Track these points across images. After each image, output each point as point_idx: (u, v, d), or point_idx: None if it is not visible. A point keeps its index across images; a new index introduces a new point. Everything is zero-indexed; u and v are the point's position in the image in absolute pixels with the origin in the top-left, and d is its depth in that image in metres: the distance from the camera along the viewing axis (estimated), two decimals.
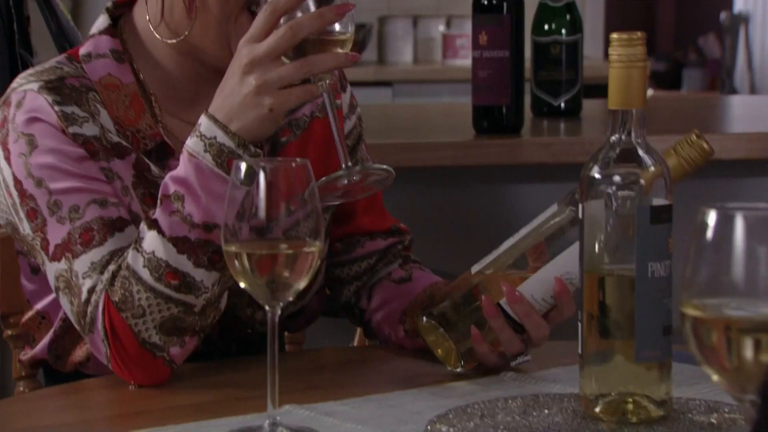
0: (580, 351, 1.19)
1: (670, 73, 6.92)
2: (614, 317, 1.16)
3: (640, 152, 1.18)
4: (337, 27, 1.27)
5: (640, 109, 1.18)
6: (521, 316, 1.30)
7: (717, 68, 6.73)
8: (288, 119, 1.47)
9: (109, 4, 1.46)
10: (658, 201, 1.17)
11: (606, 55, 5.45)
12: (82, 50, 1.43)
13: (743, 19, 6.37)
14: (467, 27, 4.83)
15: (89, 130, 1.37)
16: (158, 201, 1.31)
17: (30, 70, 1.43)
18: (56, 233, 1.35)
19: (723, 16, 6.48)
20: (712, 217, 0.83)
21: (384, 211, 1.59)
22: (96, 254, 1.33)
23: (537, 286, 1.32)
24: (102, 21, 1.45)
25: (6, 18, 1.96)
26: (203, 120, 1.29)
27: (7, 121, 1.38)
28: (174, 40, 1.40)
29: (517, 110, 2.15)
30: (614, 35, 1.18)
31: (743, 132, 2.12)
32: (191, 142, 1.29)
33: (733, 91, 6.21)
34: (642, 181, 1.17)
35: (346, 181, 1.29)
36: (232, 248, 1.13)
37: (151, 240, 1.30)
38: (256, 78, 1.25)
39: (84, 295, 1.33)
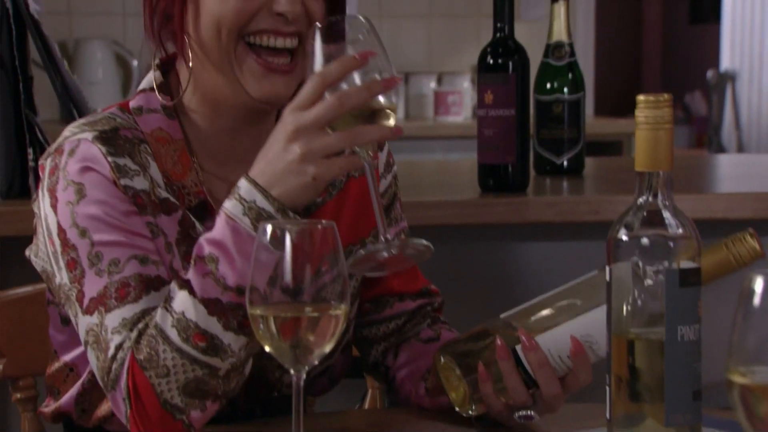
0: (608, 415, 1.17)
1: None
2: (644, 381, 1.15)
3: (668, 215, 1.17)
4: (381, 99, 1.27)
5: (668, 171, 1.17)
6: (534, 366, 1.28)
7: (704, 125, 6.76)
8: None
9: (158, 60, 1.46)
10: (687, 264, 1.16)
11: (596, 112, 5.49)
12: (133, 103, 1.43)
13: (730, 77, 6.42)
14: (458, 84, 4.86)
15: (139, 183, 1.37)
16: (192, 261, 1.30)
17: (83, 120, 1.42)
18: (93, 286, 1.33)
19: (710, 74, 6.53)
20: (759, 284, 0.83)
21: (416, 271, 1.58)
22: (128, 311, 1.32)
23: (555, 341, 1.30)
24: (152, 77, 1.45)
25: (12, 78, 1.95)
26: (243, 183, 1.28)
27: (58, 169, 1.37)
28: (187, 96, 1.41)
29: (522, 169, 2.14)
30: (641, 97, 1.17)
31: (750, 191, 2.12)
32: (230, 205, 1.28)
33: (721, 148, 6.24)
34: (670, 244, 1.16)
35: (385, 255, 1.29)
36: (257, 311, 1.12)
37: (181, 300, 1.28)
38: (301, 146, 1.25)
39: (111, 351, 1.31)
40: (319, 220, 1.22)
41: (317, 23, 1.28)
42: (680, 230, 1.17)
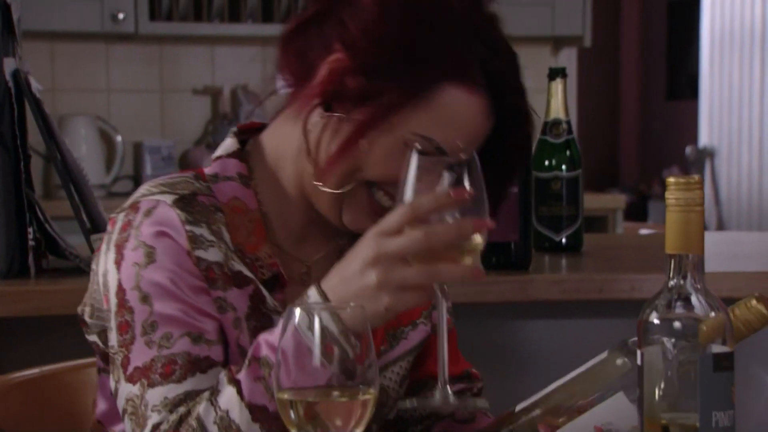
0: None
1: (636, 205, 6.99)
2: None
3: (700, 298, 1.16)
4: None
5: (698, 254, 1.16)
6: None
7: None
8: None
9: (235, 128, 1.43)
10: (719, 348, 1.14)
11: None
12: (208, 170, 1.40)
13: (709, 153, 6.47)
14: None
15: (214, 255, 1.33)
16: (246, 361, 1.26)
17: (160, 180, 1.38)
18: (140, 355, 1.30)
19: (689, 150, 6.58)
20: None
21: (457, 354, 1.56)
22: (171, 390, 1.28)
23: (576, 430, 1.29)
24: (230, 144, 1.42)
25: (13, 157, 1.93)
26: (313, 294, 1.25)
27: (131, 227, 1.33)
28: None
29: (525, 246, 2.13)
30: (671, 179, 1.17)
31: (755, 271, 2.12)
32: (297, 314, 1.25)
33: None
34: (703, 327, 1.15)
35: (439, 405, 1.24)
36: (285, 396, 1.10)
37: (228, 398, 1.25)
38: (379, 274, 1.20)
39: (147, 429, 1.28)
40: (348, 304, 1.20)
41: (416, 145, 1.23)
42: (712, 314, 1.15)
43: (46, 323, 1.95)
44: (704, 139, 6.60)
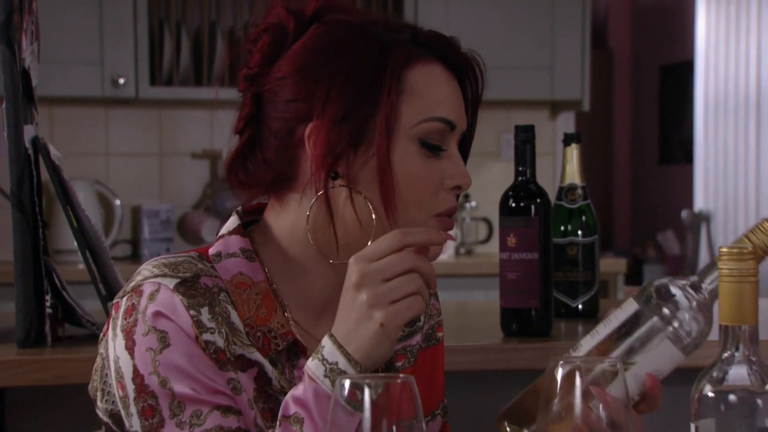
0: None
1: (630, 269, 6.98)
2: None
3: (754, 369, 1.14)
4: None
5: (753, 325, 1.14)
6: (614, 415, 1.24)
7: (677, 264, 6.80)
8: (402, 344, 1.46)
9: (240, 208, 1.44)
10: None
11: None
12: (212, 250, 1.39)
13: (705, 218, 6.48)
14: None
15: (217, 339, 1.33)
16: (278, 421, 1.26)
17: (162, 259, 1.37)
18: None
19: (684, 214, 6.59)
20: None
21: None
22: None
23: (628, 384, 1.28)
24: (232, 222, 1.42)
25: (32, 224, 1.91)
26: (327, 343, 1.26)
27: (136, 311, 1.32)
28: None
29: (546, 313, 2.11)
30: (724, 249, 1.15)
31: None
32: (312, 365, 1.25)
33: None
34: (758, 401, 1.13)
35: None
36: None
37: None
38: (367, 292, 1.24)
39: None
40: (397, 374, 1.18)
41: None
42: (767, 386, 1.13)
43: (64, 393, 1.92)
44: (699, 203, 6.61)
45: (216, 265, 1.38)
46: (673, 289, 1.29)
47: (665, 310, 1.28)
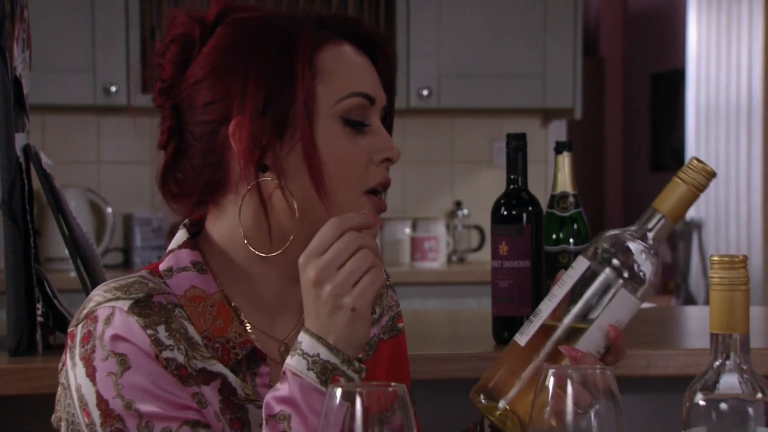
0: None
1: None
2: None
3: (745, 378, 1.14)
4: None
5: (743, 333, 1.15)
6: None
7: (669, 273, 6.81)
8: None
9: (186, 221, 1.44)
10: (766, 429, 1.13)
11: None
12: (162, 266, 1.40)
13: (696, 226, 6.48)
14: (432, 229, 4.87)
15: (178, 356, 1.33)
16: (264, 421, 1.26)
17: (112, 283, 1.37)
18: None
19: None
20: None
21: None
22: None
23: (593, 339, 1.34)
24: (180, 236, 1.43)
25: (23, 233, 1.91)
26: (304, 338, 1.27)
27: (93, 337, 1.32)
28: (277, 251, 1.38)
29: None
30: (715, 257, 1.16)
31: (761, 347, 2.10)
32: (293, 361, 1.26)
33: (690, 296, 6.27)
34: (749, 409, 1.13)
35: None
36: None
37: None
38: (328, 285, 1.26)
39: None
40: (389, 382, 1.19)
41: None
42: (759, 394, 1.14)
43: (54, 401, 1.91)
44: (691, 211, 6.62)
45: (168, 280, 1.38)
46: (624, 239, 1.34)
47: (615, 261, 1.33)
